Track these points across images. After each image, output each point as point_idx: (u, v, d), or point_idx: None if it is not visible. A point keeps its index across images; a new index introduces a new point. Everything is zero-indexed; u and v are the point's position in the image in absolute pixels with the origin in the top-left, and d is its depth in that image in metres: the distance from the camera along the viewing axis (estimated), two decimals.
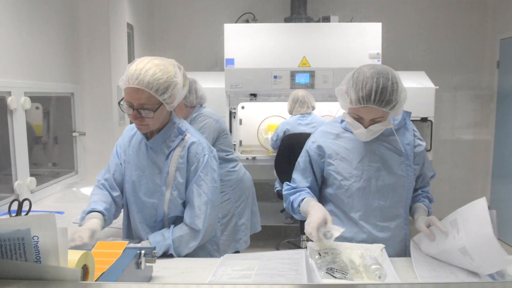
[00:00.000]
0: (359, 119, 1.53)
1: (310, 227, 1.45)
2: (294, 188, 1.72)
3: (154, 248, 1.27)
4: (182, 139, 1.60)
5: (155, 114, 1.50)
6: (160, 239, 1.54)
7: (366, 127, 1.52)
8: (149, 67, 1.48)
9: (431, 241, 1.47)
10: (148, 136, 1.63)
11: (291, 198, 1.70)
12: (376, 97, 1.44)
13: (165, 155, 1.60)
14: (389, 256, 1.46)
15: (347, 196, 1.63)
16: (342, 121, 1.70)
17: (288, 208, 1.74)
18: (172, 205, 1.59)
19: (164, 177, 1.59)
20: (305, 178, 1.70)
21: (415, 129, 1.71)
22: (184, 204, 1.62)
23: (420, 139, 1.69)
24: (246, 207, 2.92)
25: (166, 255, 1.54)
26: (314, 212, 1.49)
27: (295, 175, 1.74)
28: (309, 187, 1.70)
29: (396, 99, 1.47)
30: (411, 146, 1.65)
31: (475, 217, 1.31)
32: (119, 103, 1.57)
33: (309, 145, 1.71)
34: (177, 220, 1.63)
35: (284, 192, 1.75)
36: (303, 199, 1.63)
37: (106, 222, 1.61)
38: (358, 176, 1.61)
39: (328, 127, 1.73)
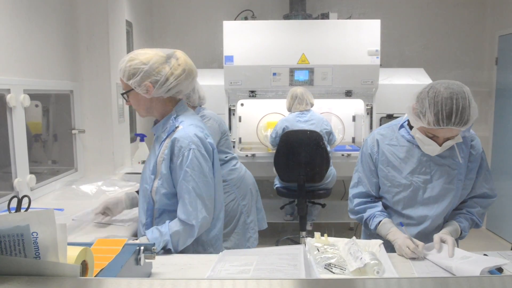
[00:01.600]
0: (433, 137, 1.53)
1: (407, 250, 1.48)
2: (365, 199, 1.76)
3: (153, 245, 1.27)
4: (173, 130, 1.61)
5: (130, 99, 1.64)
6: (157, 235, 1.55)
7: (440, 145, 1.52)
8: (129, 54, 1.61)
9: (436, 251, 1.48)
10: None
11: (365, 216, 1.74)
12: (456, 119, 1.44)
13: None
14: None
15: (392, 203, 1.70)
16: (401, 127, 1.70)
17: (359, 221, 1.80)
18: (157, 194, 1.62)
19: (153, 166, 1.63)
20: (370, 182, 1.75)
21: (475, 141, 1.67)
22: (168, 197, 1.62)
23: (477, 153, 1.66)
24: (252, 204, 2.93)
25: (164, 249, 1.55)
26: (399, 237, 1.54)
27: (363, 177, 1.76)
28: (375, 194, 1.75)
29: (473, 118, 1.48)
30: (465, 160, 1.63)
31: (480, 261, 1.33)
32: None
33: (370, 148, 1.73)
34: (164, 213, 1.64)
35: (355, 208, 1.77)
36: (380, 221, 1.67)
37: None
38: (406, 186, 1.65)
39: (385, 130, 1.74)
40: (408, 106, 1.57)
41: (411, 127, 1.65)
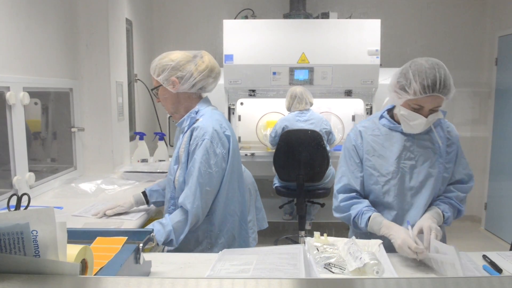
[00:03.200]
0: (418, 110, 1.55)
1: (408, 250, 1.42)
2: (350, 194, 1.70)
3: (152, 231, 1.30)
4: (194, 123, 1.72)
5: (159, 95, 1.78)
6: (159, 227, 1.61)
7: (426, 117, 1.55)
8: (161, 54, 1.76)
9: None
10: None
11: (352, 214, 1.67)
12: (441, 85, 1.50)
13: None
14: None
15: (383, 192, 1.67)
16: (381, 117, 1.73)
17: (346, 220, 1.71)
18: (178, 182, 1.72)
19: (176, 156, 1.76)
20: (354, 177, 1.70)
21: (450, 127, 1.73)
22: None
23: (454, 138, 1.71)
24: (251, 204, 2.92)
25: (166, 242, 1.60)
26: (399, 237, 1.48)
27: (347, 171, 1.72)
28: (359, 189, 1.71)
29: (453, 88, 1.55)
30: (444, 145, 1.67)
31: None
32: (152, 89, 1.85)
33: (354, 141, 1.72)
34: None
35: (341, 204, 1.71)
36: (369, 217, 1.61)
37: (151, 199, 2.03)
38: (395, 173, 1.65)
39: (366, 122, 1.75)
40: (389, 85, 1.62)
41: (391, 117, 1.70)
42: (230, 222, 1.79)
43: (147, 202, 2.03)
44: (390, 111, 1.73)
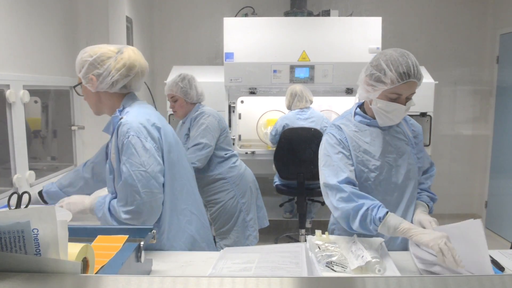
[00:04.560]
0: (395, 99, 1.55)
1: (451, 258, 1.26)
2: (356, 188, 1.56)
3: (153, 228, 1.31)
4: (118, 121, 1.54)
5: (82, 93, 1.63)
6: (102, 201, 1.58)
7: (404, 105, 1.56)
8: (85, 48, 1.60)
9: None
10: None
11: (366, 204, 1.48)
12: (415, 71, 1.52)
13: None
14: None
15: (373, 189, 1.65)
16: (355, 115, 1.70)
17: (355, 211, 1.50)
18: (116, 190, 1.56)
19: (109, 166, 1.60)
20: (350, 171, 1.59)
21: (411, 120, 1.78)
22: None
23: (418, 129, 1.76)
24: (251, 202, 2.92)
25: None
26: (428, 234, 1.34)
27: (341, 165, 1.59)
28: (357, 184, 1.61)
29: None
30: (412, 136, 1.71)
31: (470, 241, 1.28)
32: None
33: (338, 135, 1.64)
34: None
35: (351, 192, 1.53)
36: (387, 212, 1.45)
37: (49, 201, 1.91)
38: (382, 167, 1.64)
39: (341, 120, 1.71)
40: (359, 82, 1.63)
41: (365, 113, 1.69)
42: (183, 222, 1.62)
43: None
44: (360, 108, 1.72)
